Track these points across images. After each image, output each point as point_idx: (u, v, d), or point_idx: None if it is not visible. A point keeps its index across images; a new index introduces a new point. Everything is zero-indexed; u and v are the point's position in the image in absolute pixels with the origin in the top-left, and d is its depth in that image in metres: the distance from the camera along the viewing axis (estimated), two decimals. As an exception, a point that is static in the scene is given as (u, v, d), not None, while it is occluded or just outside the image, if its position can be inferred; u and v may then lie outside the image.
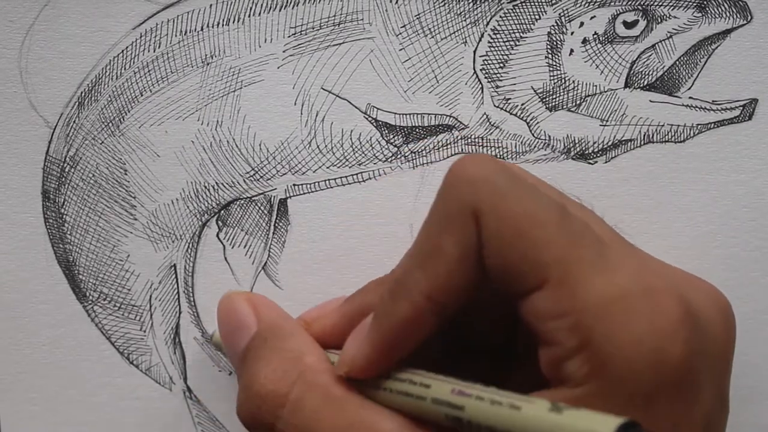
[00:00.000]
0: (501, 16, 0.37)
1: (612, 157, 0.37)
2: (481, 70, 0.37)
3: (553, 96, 0.37)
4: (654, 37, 0.37)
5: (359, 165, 0.37)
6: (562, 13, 0.37)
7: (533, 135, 0.37)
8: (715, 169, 0.37)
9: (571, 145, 0.37)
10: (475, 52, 0.37)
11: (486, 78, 0.37)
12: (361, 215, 0.37)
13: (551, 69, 0.37)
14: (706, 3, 0.36)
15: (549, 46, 0.37)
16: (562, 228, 0.25)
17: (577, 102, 0.37)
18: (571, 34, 0.37)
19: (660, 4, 0.36)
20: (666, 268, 0.29)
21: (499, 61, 0.37)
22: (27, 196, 0.37)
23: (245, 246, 0.37)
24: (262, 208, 0.37)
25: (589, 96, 0.37)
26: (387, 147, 0.37)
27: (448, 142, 0.37)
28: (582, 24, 0.37)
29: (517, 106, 0.37)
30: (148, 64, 0.37)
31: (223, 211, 0.37)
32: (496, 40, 0.37)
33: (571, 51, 0.37)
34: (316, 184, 0.37)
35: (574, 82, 0.37)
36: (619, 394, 0.24)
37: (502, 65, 0.37)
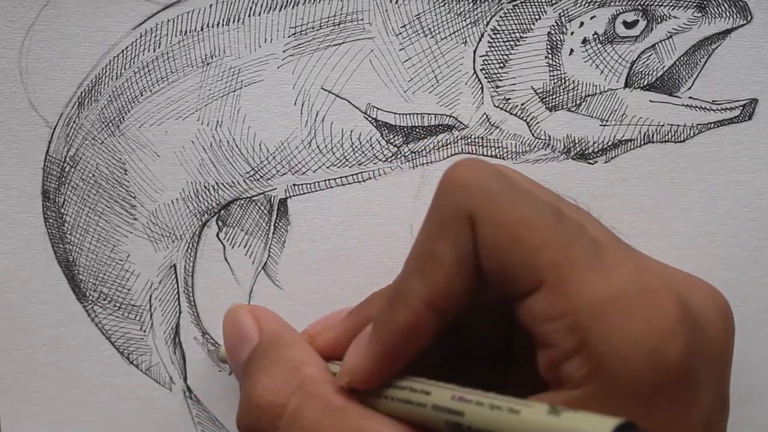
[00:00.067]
0: (501, 16, 0.37)
1: (612, 157, 0.37)
2: (481, 70, 0.37)
3: (553, 96, 0.37)
4: (654, 37, 0.37)
5: (359, 165, 0.37)
6: (562, 13, 0.37)
7: (533, 135, 0.37)
8: (715, 169, 0.37)
9: (571, 145, 0.37)
10: (475, 52, 0.37)
11: (486, 78, 0.37)
12: (361, 215, 0.37)
13: (551, 69, 0.37)
14: (706, 3, 0.36)
15: (549, 46, 0.37)
16: (557, 231, 0.25)
17: (577, 102, 0.37)
18: (571, 34, 0.37)
19: (660, 4, 0.36)
20: (663, 268, 0.29)
21: (499, 61, 0.37)
22: (27, 196, 0.37)
23: (245, 246, 0.37)
24: (262, 208, 0.37)
25: (589, 96, 0.37)
26: (387, 147, 0.37)
27: (448, 142, 0.37)
28: (582, 24, 0.37)
29: (517, 106, 0.37)
30: (148, 64, 0.37)
31: (223, 211, 0.37)
32: (496, 40, 0.37)
33: (571, 51, 0.37)
34: (316, 184, 0.37)
35: (574, 82, 0.37)
36: (617, 394, 0.24)
37: (502, 65, 0.37)
